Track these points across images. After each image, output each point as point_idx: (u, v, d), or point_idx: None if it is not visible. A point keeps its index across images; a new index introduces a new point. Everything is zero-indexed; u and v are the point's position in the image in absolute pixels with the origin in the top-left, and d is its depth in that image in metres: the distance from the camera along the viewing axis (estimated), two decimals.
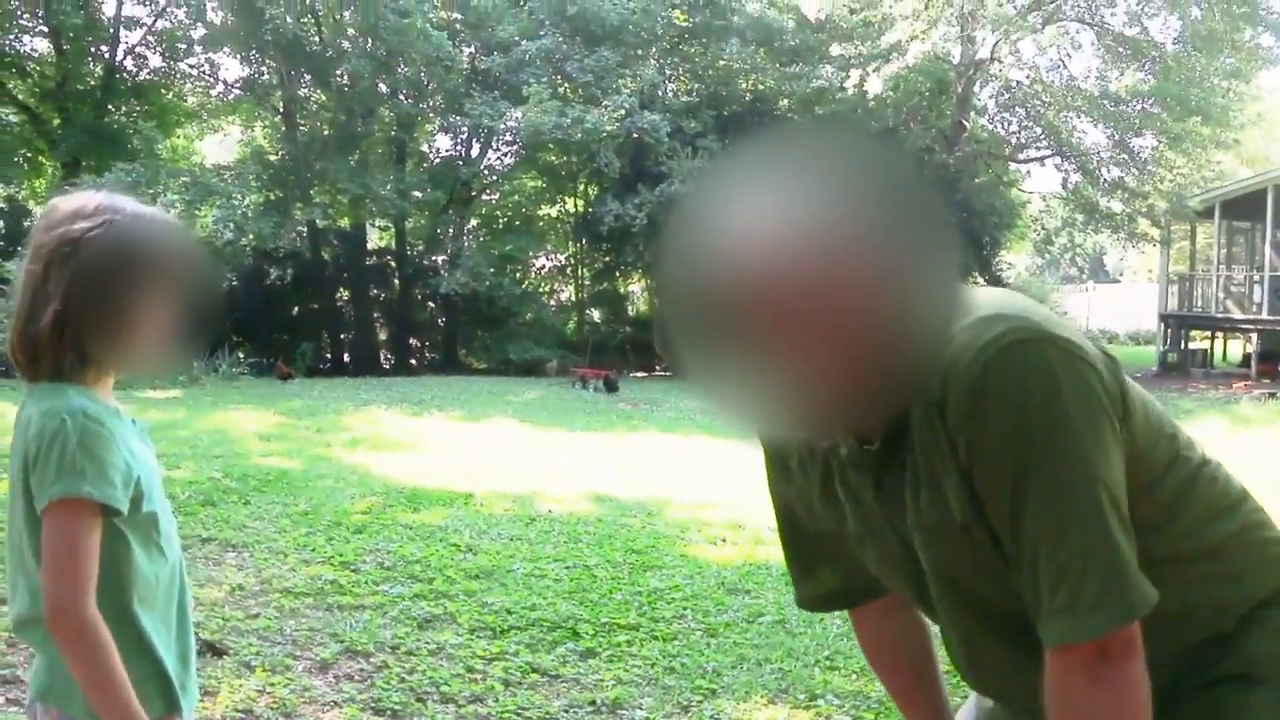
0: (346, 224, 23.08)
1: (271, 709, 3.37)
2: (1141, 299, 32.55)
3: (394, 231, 23.72)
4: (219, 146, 27.61)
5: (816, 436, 1.31)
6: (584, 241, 23.32)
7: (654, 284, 20.06)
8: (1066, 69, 24.89)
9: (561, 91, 20.41)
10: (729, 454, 8.67)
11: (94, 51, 21.68)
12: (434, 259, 22.94)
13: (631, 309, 24.20)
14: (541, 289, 24.85)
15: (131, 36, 21.75)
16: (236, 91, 22.65)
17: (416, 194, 21.67)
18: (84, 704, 1.54)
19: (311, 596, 4.52)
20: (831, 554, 1.47)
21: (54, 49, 20.91)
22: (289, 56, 20.58)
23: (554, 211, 24.84)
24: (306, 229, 21.73)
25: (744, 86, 22.35)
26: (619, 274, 23.81)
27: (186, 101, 23.43)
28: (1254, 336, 21.05)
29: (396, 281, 23.68)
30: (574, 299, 24.60)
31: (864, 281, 1.05)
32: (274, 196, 20.89)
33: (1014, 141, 25.13)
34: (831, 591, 1.52)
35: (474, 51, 22.09)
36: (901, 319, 1.07)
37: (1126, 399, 1.22)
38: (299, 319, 23.01)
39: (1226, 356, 25.08)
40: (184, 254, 1.62)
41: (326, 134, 21.59)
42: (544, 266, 25.35)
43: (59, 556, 1.50)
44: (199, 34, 21.44)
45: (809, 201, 1.06)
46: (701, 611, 4.54)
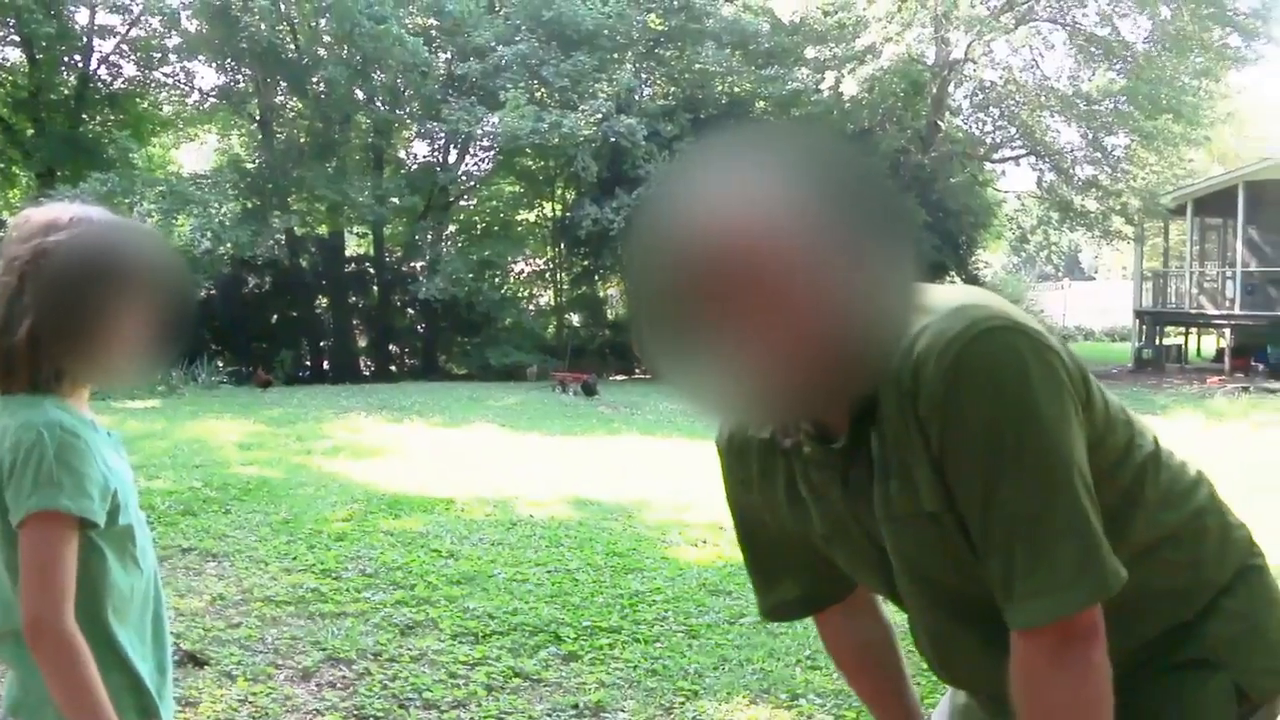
0: (324, 231, 23.02)
1: (254, 718, 3.38)
2: (1116, 296, 32.83)
3: (372, 238, 23.65)
4: (195, 155, 27.45)
5: (777, 429, 1.33)
6: (562, 246, 23.32)
7: (621, 275, 20.11)
8: (1039, 69, 25.08)
9: (538, 96, 20.41)
10: (708, 456, 8.69)
11: (67, 60, 21.51)
12: (412, 265, 22.89)
13: (610, 312, 24.20)
14: (520, 294, 24.81)
15: (105, 45, 21.63)
16: (212, 100, 22.50)
17: (394, 200, 21.60)
18: (48, 713, 1.53)
19: (293, 605, 4.53)
20: (792, 562, 1.48)
21: (26, 58, 20.76)
22: (265, 64, 20.51)
23: (532, 216, 24.83)
24: (284, 237, 21.65)
25: (720, 89, 22.39)
26: (598, 278, 23.81)
27: (162, 110, 23.29)
28: (1227, 332, 21.28)
29: (375, 288, 23.61)
30: (553, 303, 24.57)
31: (817, 267, 1.09)
32: (251, 205, 20.81)
33: (988, 141, 25.28)
34: (794, 599, 1.52)
35: (450, 57, 22.05)
36: (856, 304, 1.10)
37: (1087, 385, 1.26)
38: (278, 327, 22.91)
39: (1200, 352, 25.33)
40: (159, 263, 1.62)
41: (303, 141, 21.53)
42: (523, 271, 25.32)
43: (37, 571, 1.50)
44: (173, 42, 21.32)
45: (762, 191, 1.11)
46: (683, 613, 4.56)
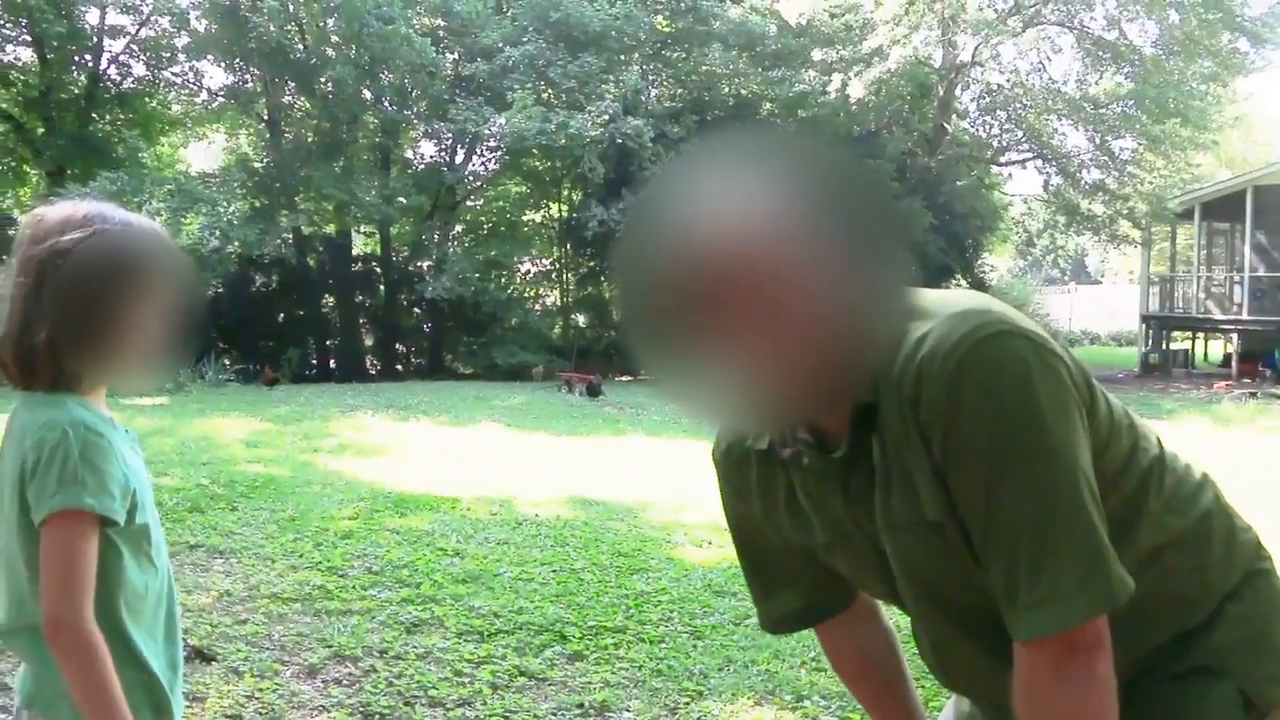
0: (331, 230, 23.05)
1: (260, 714, 3.39)
2: (1123, 300, 32.77)
3: (379, 238, 23.69)
4: (204, 154, 27.53)
5: (775, 437, 1.32)
6: (569, 246, 23.34)
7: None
8: (1047, 72, 25.10)
9: (545, 97, 20.43)
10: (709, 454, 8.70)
11: (78, 60, 21.60)
12: (419, 265, 22.91)
13: (616, 313, 24.20)
14: (526, 294, 24.83)
15: (115, 45, 21.71)
16: (221, 99, 22.57)
17: (401, 200, 21.64)
18: (71, 712, 1.54)
19: (299, 602, 4.54)
20: (793, 573, 1.46)
21: (37, 58, 20.84)
22: (273, 64, 20.56)
23: (538, 217, 24.85)
24: (291, 236, 21.69)
25: (727, 91, 22.41)
26: (604, 279, 23.79)
27: (171, 109, 23.36)
28: (1234, 337, 21.22)
29: (382, 287, 23.65)
30: (559, 304, 24.58)
31: (812, 273, 1.08)
32: (259, 204, 20.87)
33: (995, 144, 25.29)
34: (795, 610, 1.51)
35: (458, 58, 22.08)
36: (851, 310, 1.09)
37: (1091, 390, 1.24)
38: (285, 326, 22.96)
39: (1208, 357, 25.28)
40: (173, 262, 1.63)
41: (311, 141, 21.58)
42: (529, 271, 25.34)
43: (60, 568, 1.51)
44: (183, 42, 21.38)
45: (756, 196, 1.10)
46: (688, 614, 4.56)
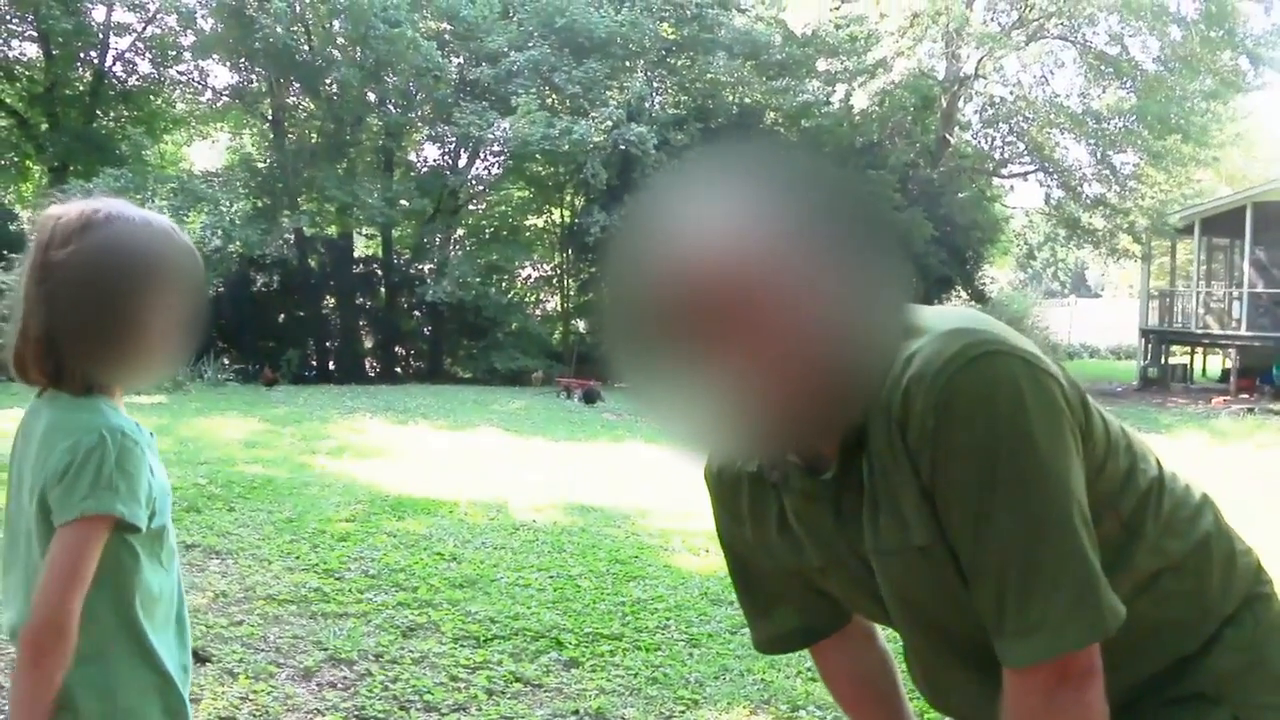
0: (333, 232, 23.08)
1: (254, 716, 3.38)
2: (1123, 314, 32.81)
3: (381, 240, 23.71)
4: (207, 153, 27.58)
5: (764, 462, 1.29)
6: (570, 252, 23.36)
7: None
8: (1049, 86, 25.19)
9: (549, 102, 20.47)
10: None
11: (83, 57, 21.64)
12: (420, 268, 22.94)
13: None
14: (527, 299, 24.85)
15: (121, 42, 21.77)
16: (225, 99, 22.62)
17: (404, 203, 21.67)
18: (85, 712, 1.55)
19: (295, 604, 4.54)
20: (786, 594, 1.44)
21: (43, 53, 20.89)
22: (278, 64, 20.60)
23: (540, 222, 24.88)
24: (293, 236, 21.72)
25: (731, 99, 22.45)
26: (601, 283, 23.82)
27: (175, 108, 23.40)
28: (1233, 352, 21.25)
29: (383, 290, 23.66)
30: (560, 309, 24.61)
31: (799, 293, 1.06)
32: (261, 204, 20.90)
33: (997, 157, 25.36)
34: (790, 631, 1.48)
35: (463, 62, 22.13)
36: (843, 331, 1.07)
37: (1086, 411, 1.21)
38: (285, 326, 22.96)
39: (1206, 372, 25.31)
40: (191, 263, 1.63)
41: (315, 142, 21.61)
42: (530, 276, 25.35)
43: (67, 570, 1.51)
44: (189, 41, 21.44)
45: (748, 214, 1.08)
46: (684, 622, 4.56)
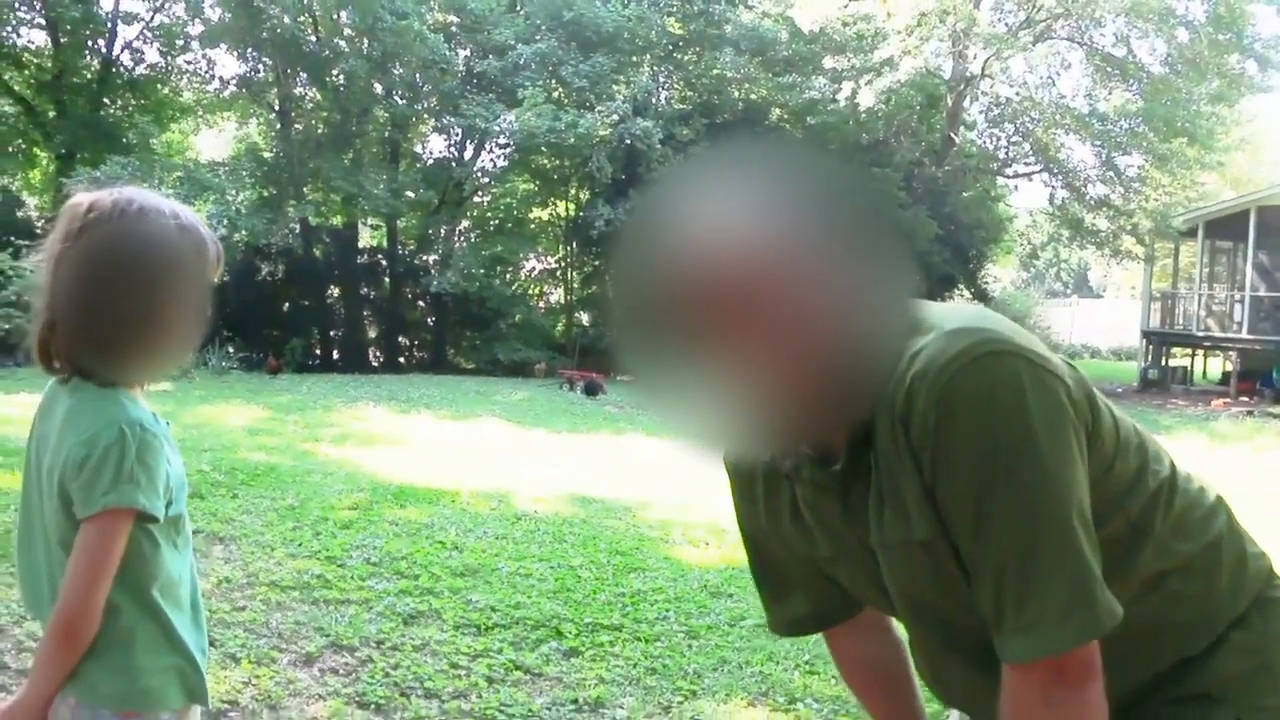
0: (339, 222, 23.13)
1: (257, 700, 3.40)
2: (1124, 315, 32.77)
3: (385, 230, 23.75)
4: (214, 142, 27.59)
5: (774, 453, 1.31)
6: (574, 245, 23.39)
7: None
8: (1055, 87, 25.13)
9: (556, 96, 20.48)
10: (710, 459, 8.73)
11: (91, 45, 21.68)
12: (425, 259, 22.98)
13: (611, 317, 24.21)
14: (531, 291, 24.90)
15: (129, 31, 21.80)
16: (232, 88, 22.64)
17: (409, 194, 21.70)
18: (107, 693, 1.59)
19: (298, 590, 4.55)
20: (801, 579, 1.45)
21: (51, 41, 20.92)
22: (285, 55, 20.62)
23: (545, 214, 24.90)
24: (299, 226, 21.76)
25: (737, 95, 22.44)
26: (608, 278, 23.86)
27: (182, 97, 23.44)
28: (1234, 355, 21.27)
29: (387, 280, 23.71)
30: (563, 301, 24.64)
31: (808, 290, 1.08)
32: (267, 193, 20.93)
33: (1002, 157, 25.34)
34: (804, 616, 1.50)
35: (470, 54, 22.14)
36: (847, 328, 1.09)
37: (1094, 409, 1.21)
38: (290, 315, 23.01)
39: (1207, 374, 25.31)
40: (216, 257, 1.64)
41: (321, 132, 21.64)
42: (534, 269, 25.40)
43: (94, 562, 1.55)
44: (196, 30, 21.48)
45: (758, 211, 1.10)
46: (684, 614, 4.59)
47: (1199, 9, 22.60)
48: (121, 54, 21.79)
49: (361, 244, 24.43)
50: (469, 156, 23.34)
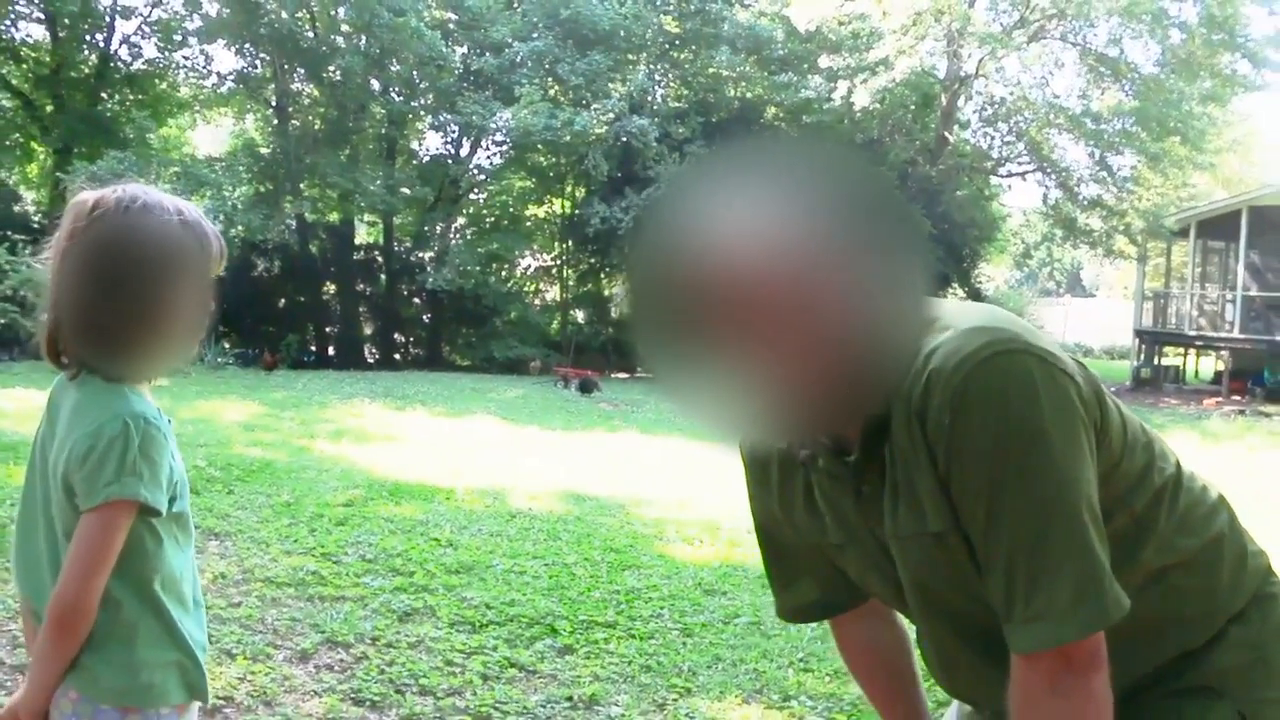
0: (335, 218, 23.12)
1: (252, 697, 3.41)
2: (1117, 314, 32.86)
3: (382, 227, 23.75)
4: (211, 138, 27.55)
5: (791, 443, 1.33)
6: (570, 242, 23.40)
7: (625, 282, 20.16)
8: (1049, 87, 25.18)
9: (552, 93, 20.49)
10: (706, 456, 8.77)
11: (89, 39, 21.65)
12: (421, 255, 22.98)
13: (615, 310, 24.28)
14: (526, 288, 24.90)
15: (127, 26, 21.86)
16: (230, 84, 22.61)
17: (405, 190, 21.71)
18: (108, 687, 1.60)
19: (293, 587, 4.56)
20: (811, 566, 1.48)
21: (49, 35, 20.89)
22: (283, 51, 20.61)
23: (541, 212, 24.90)
24: (295, 222, 21.76)
25: (732, 94, 22.48)
26: (604, 276, 23.89)
27: (179, 92, 23.40)
28: (1226, 354, 21.32)
29: (383, 277, 23.71)
30: (558, 299, 24.65)
31: (827, 285, 1.10)
32: (264, 189, 20.92)
33: (996, 156, 25.35)
34: (811, 603, 1.52)
35: (467, 51, 22.13)
36: (865, 323, 1.11)
37: (1103, 408, 1.24)
38: (285, 311, 23.00)
39: (1199, 373, 25.34)
40: (219, 252, 1.66)
41: (318, 129, 21.63)
42: (530, 266, 25.40)
43: (94, 553, 1.56)
44: (194, 25, 21.45)
45: (777, 206, 1.12)
46: (678, 611, 4.60)
47: (1191, 10, 22.64)
48: (119, 49, 21.80)
49: (358, 240, 24.43)
50: (465, 153, 23.34)
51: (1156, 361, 23.14)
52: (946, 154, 23.59)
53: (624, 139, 19.50)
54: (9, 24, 20.68)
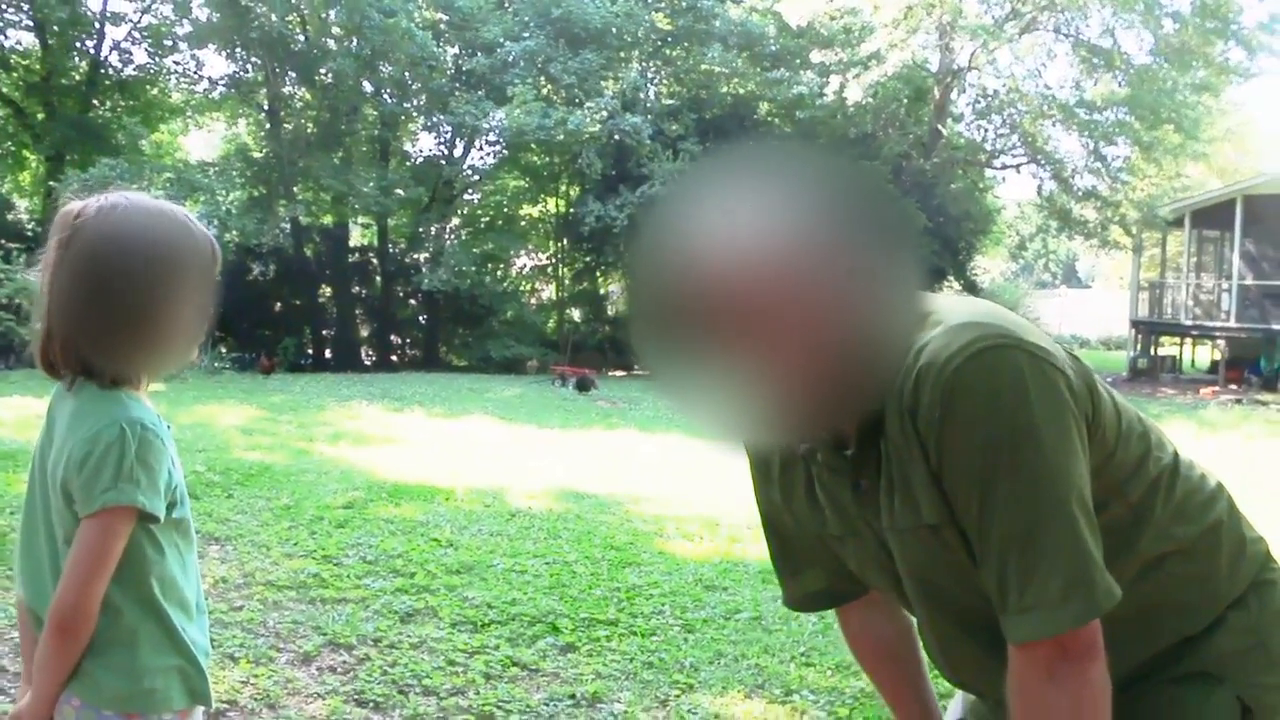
0: (329, 221, 23.10)
1: (255, 700, 3.41)
2: (1113, 305, 32.89)
3: (376, 229, 23.76)
4: (203, 143, 27.53)
5: (789, 439, 1.35)
6: (565, 241, 23.41)
7: (624, 285, 20.18)
8: (1042, 78, 25.16)
9: (545, 93, 20.49)
10: (704, 452, 8.77)
11: (79, 46, 21.63)
12: (416, 257, 22.99)
13: (611, 309, 24.31)
14: (522, 288, 24.91)
15: (117, 32, 21.71)
16: (221, 88, 22.61)
17: (399, 192, 21.70)
18: (111, 694, 1.61)
19: (294, 590, 4.57)
20: (816, 556, 1.49)
21: (39, 43, 20.86)
22: (274, 54, 20.59)
23: (536, 211, 24.90)
24: (289, 225, 21.73)
25: (725, 91, 22.48)
26: (599, 274, 23.91)
27: (171, 97, 23.36)
28: (1222, 343, 21.37)
29: (378, 279, 23.70)
30: (554, 298, 24.66)
31: (821, 285, 1.12)
32: (257, 193, 20.92)
33: (989, 148, 25.38)
34: (818, 592, 1.54)
35: (459, 52, 22.14)
36: (860, 323, 1.13)
37: (1095, 400, 1.25)
38: (281, 315, 23.00)
39: (1195, 363, 25.39)
40: (208, 251, 1.65)
41: (310, 131, 21.61)
42: (525, 265, 25.41)
43: (93, 559, 1.56)
44: (184, 30, 21.42)
45: (772, 207, 1.13)
46: (679, 608, 4.60)
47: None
48: (110, 55, 21.75)
49: (352, 243, 24.43)
50: (459, 154, 23.34)
51: (1153, 352, 23.18)
52: (940, 147, 23.61)
53: (617, 137, 19.51)
54: None
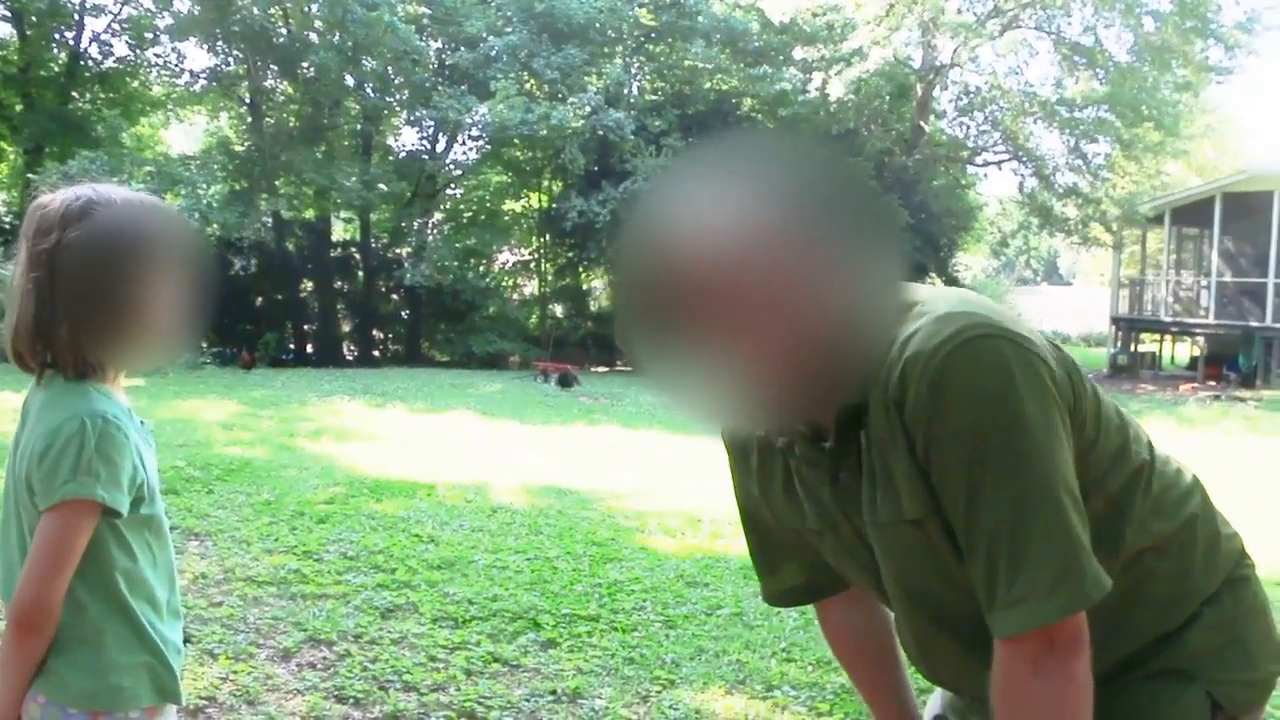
0: (311, 215, 23.01)
1: (234, 696, 3.40)
2: (1093, 301, 33.08)
3: (358, 224, 23.69)
4: (184, 136, 27.35)
5: (769, 430, 1.34)
6: (548, 237, 23.38)
7: (608, 278, 20.17)
8: (1023, 75, 25.31)
9: (528, 88, 20.45)
10: (686, 448, 8.80)
11: (58, 37, 21.45)
12: (398, 252, 22.93)
13: (593, 304, 24.30)
14: (505, 283, 24.86)
15: (97, 23, 21.56)
16: (202, 81, 22.45)
17: (382, 186, 21.62)
18: (76, 691, 1.59)
19: (274, 585, 4.55)
20: (795, 550, 1.48)
21: (17, 33, 20.67)
22: (256, 47, 20.49)
23: (518, 206, 24.87)
24: (271, 220, 21.62)
25: (708, 86, 22.49)
26: (582, 269, 23.89)
27: (152, 90, 23.19)
28: (1201, 340, 21.54)
29: (360, 273, 23.63)
30: (537, 293, 24.63)
31: (802, 276, 1.12)
32: (239, 187, 20.82)
33: (971, 145, 25.51)
34: (796, 587, 1.53)
35: (441, 46, 22.09)
36: (840, 312, 1.13)
37: (1077, 391, 1.25)
38: (263, 309, 22.90)
39: (1175, 359, 25.59)
40: (182, 237, 1.64)
41: (292, 125, 21.52)
42: (508, 261, 25.36)
43: (53, 553, 1.55)
44: (165, 22, 21.27)
45: (752, 200, 1.13)
46: (660, 603, 4.61)
47: None
48: (89, 47, 21.58)
49: (334, 237, 24.34)
50: (441, 149, 23.28)
51: (1133, 348, 23.32)
52: (923, 144, 23.70)
53: (600, 132, 19.48)
54: None
